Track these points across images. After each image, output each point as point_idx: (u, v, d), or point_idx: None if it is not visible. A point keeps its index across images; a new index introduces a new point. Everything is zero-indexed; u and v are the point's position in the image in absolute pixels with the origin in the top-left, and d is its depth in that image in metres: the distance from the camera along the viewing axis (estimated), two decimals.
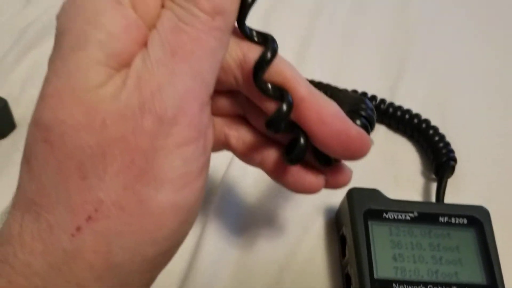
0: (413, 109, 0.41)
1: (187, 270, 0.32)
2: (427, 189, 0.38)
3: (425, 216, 0.31)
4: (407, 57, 0.48)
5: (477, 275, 0.29)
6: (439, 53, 0.49)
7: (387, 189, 0.33)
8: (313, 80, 0.41)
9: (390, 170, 0.39)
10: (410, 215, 0.31)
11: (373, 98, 0.42)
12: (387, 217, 0.31)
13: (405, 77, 0.46)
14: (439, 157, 0.38)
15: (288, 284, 0.32)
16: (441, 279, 0.29)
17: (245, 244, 0.34)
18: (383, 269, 0.29)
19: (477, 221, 0.31)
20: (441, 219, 0.31)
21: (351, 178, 0.25)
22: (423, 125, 0.40)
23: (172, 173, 0.18)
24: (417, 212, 0.31)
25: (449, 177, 0.37)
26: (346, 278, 0.31)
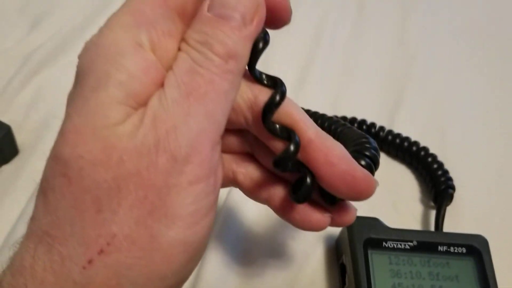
0: (412, 137, 0.41)
1: None
2: (425, 217, 0.38)
3: (425, 245, 0.31)
4: (406, 84, 0.49)
5: None
6: (437, 81, 0.50)
7: (386, 216, 0.33)
8: (317, 112, 0.41)
9: (389, 197, 0.39)
10: (409, 244, 0.31)
11: (372, 125, 0.42)
12: (386, 246, 0.31)
13: (404, 104, 0.47)
14: (437, 185, 0.38)
15: None
16: None
17: (245, 272, 0.34)
18: None
19: (476, 250, 0.31)
20: (440, 248, 0.31)
21: (356, 216, 0.25)
22: (422, 153, 0.40)
23: (183, 210, 0.18)
24: (417, 241, 0.31)
25: (447, 205, 0.37)
26: None
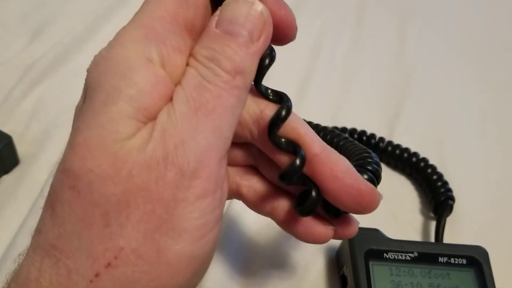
0: (412, 148, 0.42)
1: None
2: (426, 228, 0.38)
3: (425, 256, 0.32)
4: (405, 96, 0.49)
5: None
6: (436, 92, 0.50)
7: (386, 227, 0.33)
8: (319, 124, 0.42)
9: (389, 208, 0.39)
10: (410, 255, 0.31)
11: (371, 136, 0.43)
12: (387, 257, 0.31)
13: (404, 115, 0.47)
14: (437, 196, 0.38)
15: None
16: None
17: (246, 282, 0.34)
18: None
19: (476, 262, 0.31)
20: (441, 259, 0.31)
21: (357, 228, 0.25)
22: (421, 164, 0.40)
23: (190, 224, 0.18)
24: (417, 252, 0.32)
25: (447, 216, 0.37)
26: None
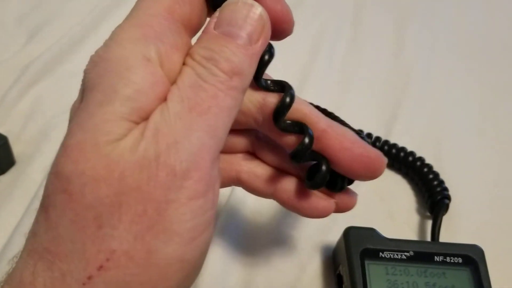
0: (408, 147, 0.42)
1: None
2: (422, 227, 0.38)
3: (421, 255, 0.31)
4: (403, 95, 0.49)
5: None
6: (433, 92, 0.50)
7: (383, 226, 0.33)
8: (319, 106, 0.42)
9: (385, 207, 0.40)
10: (406, 254, 0.31)
11: (368, 135, 0.43)
12: (383, 256, 0.31)
13: (401, 115, 0.47)
14: (433, 195, 0.38)
15: None
16: None
17: (242, 281, 0.34)
18: None
19: (472, 261, 0.31)
20: (437, 258, 0.31)
21: (357, 200, 0.27)
22: (418, 163, 0.40)
23: (181, 227, 0.18)
24: (413, 251, 0.32)
25: (443, 215, 0.37)
26: None
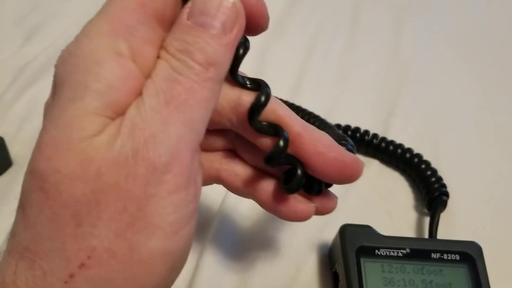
0: (406, 144, 0.41)
1: None
2: (419, 224, 0.38)
3: (418, 252, 0.31)
4: (401, 93, 0.49)
5: None
6: (431, 89, 0.50)
7: (380, 223, 0.33)
8: (300, 106, 0.43)
9: (383, 204, 0.39)
10: (402, 251, 0.31)
11: (365, 133, 0.42)
12: (379, 253, 0.31)
13: (398, 112, 0.47)
14: (431, 192, 0.38)
15: None
16: None
17: (238, 282, 0.34)
18: None
19: (470, 257, 0.31)
20: (434, 255, 0.31)
21: (337, 203, 0.26)
22: (415, 160, 0.40)
23: (163, 220, 0.18)
24: (410, 248, 0.31)
25: (441, 212, 0.37)
26: None
